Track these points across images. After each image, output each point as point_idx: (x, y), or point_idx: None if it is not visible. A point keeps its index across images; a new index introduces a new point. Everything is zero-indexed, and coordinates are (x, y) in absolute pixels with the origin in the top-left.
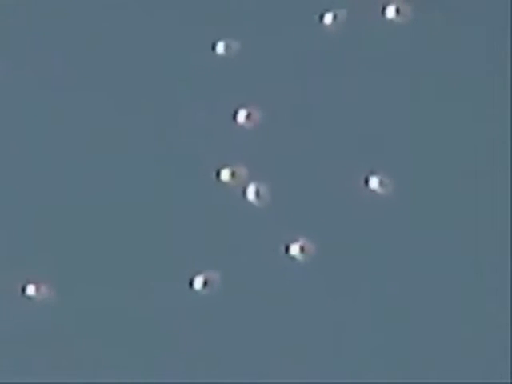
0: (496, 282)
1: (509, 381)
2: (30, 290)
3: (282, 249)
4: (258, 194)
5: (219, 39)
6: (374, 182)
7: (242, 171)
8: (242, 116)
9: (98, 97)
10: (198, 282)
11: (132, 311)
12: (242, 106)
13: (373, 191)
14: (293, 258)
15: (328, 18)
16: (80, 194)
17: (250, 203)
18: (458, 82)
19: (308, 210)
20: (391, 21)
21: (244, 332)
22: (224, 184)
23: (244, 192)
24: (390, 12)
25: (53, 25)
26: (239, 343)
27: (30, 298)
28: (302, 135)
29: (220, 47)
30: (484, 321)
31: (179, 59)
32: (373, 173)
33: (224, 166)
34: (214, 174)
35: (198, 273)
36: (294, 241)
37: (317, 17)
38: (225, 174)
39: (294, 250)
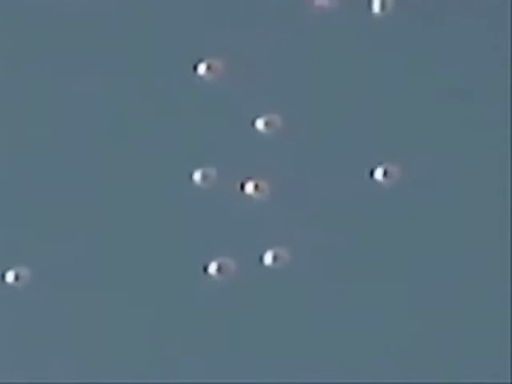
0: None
1: (509, 381)
2: (10, 276)
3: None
4: (257, 187)
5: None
6: (378, 174)
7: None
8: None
9: (105, 117)
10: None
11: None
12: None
13: (378, 182)
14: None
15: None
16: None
17: (249, 197)
18: (461, 72)
19: (314, 204)
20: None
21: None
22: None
23: (243, 187)
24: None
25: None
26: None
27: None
28: (302, 131)
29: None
30: (484, 321)
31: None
32: (378, 164)
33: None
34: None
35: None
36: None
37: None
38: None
39: (268, 258)
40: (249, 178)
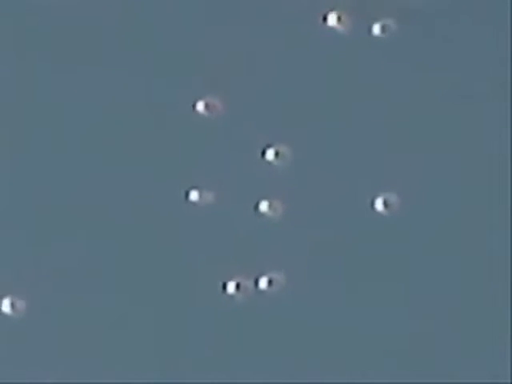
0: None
1: (509, 381)
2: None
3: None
4: (271, 206)
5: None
6: (379, 204)
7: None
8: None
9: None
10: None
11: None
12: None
13: (379, 213)
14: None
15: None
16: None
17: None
18: (458, 106)
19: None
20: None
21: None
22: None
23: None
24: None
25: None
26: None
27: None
28: (304, 161)
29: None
30: (484, 321)
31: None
32: (378, 194)
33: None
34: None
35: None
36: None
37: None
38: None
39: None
40: (263, 198)
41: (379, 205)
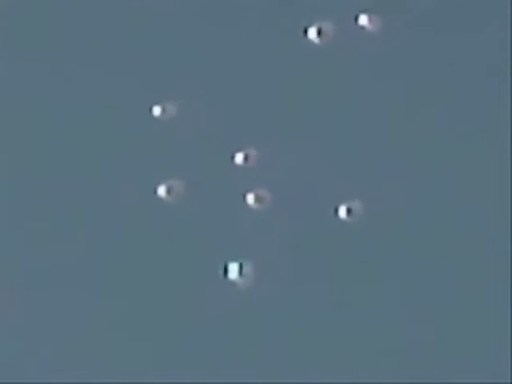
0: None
1: (509, 381)
2: None
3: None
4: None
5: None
6: (342, 211)
7: None
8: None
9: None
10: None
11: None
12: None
13: (342, 220)
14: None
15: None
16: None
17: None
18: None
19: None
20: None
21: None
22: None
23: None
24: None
25: None
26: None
27: None
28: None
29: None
30: (484, 321)
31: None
32: (341, 201)
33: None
34: None
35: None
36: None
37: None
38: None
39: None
40: (249, 190)
41: (343, 212)
